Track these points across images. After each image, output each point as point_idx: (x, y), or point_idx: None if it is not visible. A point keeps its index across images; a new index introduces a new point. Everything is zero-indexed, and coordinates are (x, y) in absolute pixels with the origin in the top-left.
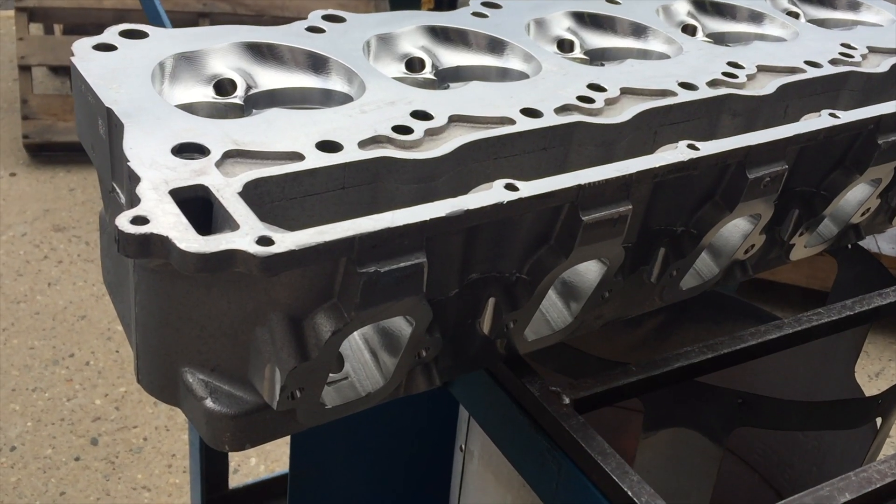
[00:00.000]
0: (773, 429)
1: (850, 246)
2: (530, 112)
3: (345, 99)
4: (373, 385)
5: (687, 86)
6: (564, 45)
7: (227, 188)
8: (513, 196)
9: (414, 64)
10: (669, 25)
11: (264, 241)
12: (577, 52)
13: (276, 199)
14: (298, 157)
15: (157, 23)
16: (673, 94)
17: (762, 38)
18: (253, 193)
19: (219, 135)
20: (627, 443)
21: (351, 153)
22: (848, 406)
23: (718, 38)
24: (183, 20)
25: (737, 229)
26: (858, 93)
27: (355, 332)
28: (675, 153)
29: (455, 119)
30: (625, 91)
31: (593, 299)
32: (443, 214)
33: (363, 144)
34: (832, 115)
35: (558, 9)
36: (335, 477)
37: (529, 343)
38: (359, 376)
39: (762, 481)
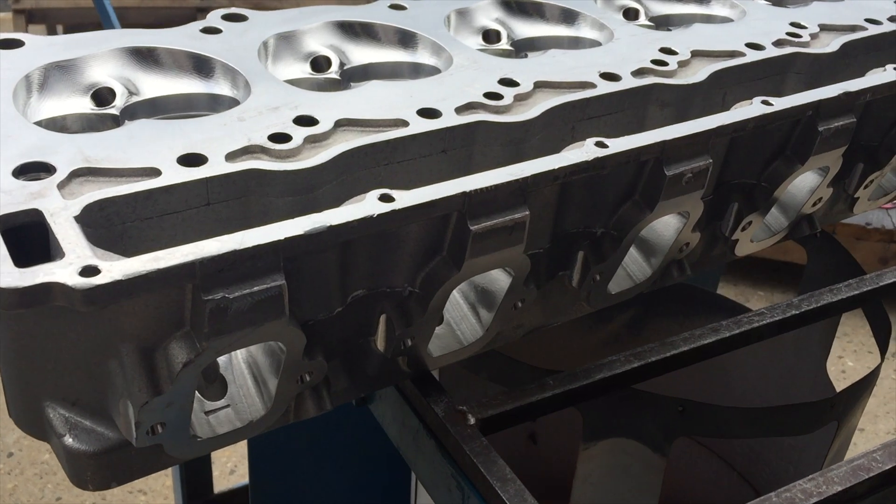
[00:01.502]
0: (717, 437)
1: (818, 236)
2: (427, 112)
3: (233, 104)
4: (253, 413)
5: (609, 76)
6: (490, 36)
7: (63, 212)
8: (386, 208)
9: (319, 63)
10: (609, 10)
11: (89, 271)
12: (504, 44)
13: (127, 220)
14: (155, 172)
15: (108, 22)
16: (592, 85)
17: (709, 19)
18: (98, 216)
19: (72, 152)
20: None
21: (215, 166)
22: (798, 411)
23: (662, 21)
24: (181, 15)
25: (668, 227)
26: (805, 75)
27: (239, 358)
28: (579, 152)
29: (342, 123)
30: (539, 85)
31: (504, 310)
32: (300, 233)
33: (232, 156)
34: (765, 102)
35: None
36: (296, 486)
37: (436, 359)
38: (240, 404)
39: (741, 479)
